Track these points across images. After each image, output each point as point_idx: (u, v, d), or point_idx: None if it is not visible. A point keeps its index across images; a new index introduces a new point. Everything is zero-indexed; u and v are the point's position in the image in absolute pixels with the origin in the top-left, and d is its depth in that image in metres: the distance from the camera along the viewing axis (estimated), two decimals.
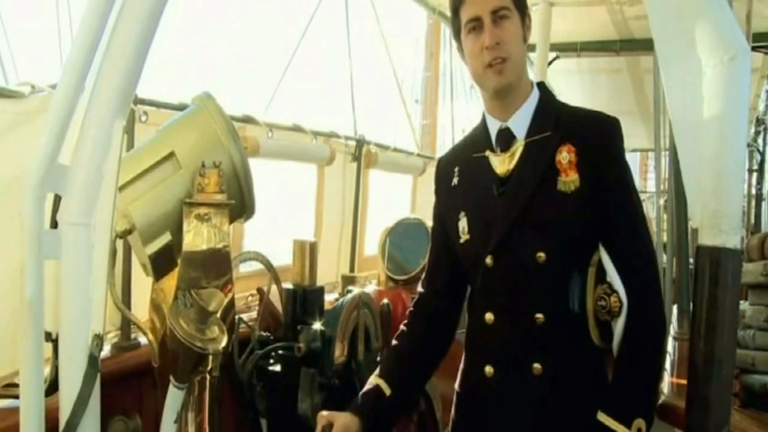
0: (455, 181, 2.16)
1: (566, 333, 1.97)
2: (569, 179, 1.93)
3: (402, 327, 2.29)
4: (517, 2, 1.99)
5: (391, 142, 5.34)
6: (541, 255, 1.94)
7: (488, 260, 2.00)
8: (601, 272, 1.95)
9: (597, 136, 1.96)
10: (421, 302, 2.29)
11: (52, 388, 1.94)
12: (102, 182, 1.91)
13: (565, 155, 1.94)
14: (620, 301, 1.88)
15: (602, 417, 1.87)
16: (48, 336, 1.93)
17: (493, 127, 2.07)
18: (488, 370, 2.04)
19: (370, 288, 4.09)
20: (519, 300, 1.99)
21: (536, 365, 1.95)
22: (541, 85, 2.10)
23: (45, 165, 1.77)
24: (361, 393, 2.18)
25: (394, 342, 2.29)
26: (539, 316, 1.95)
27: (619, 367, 1.93)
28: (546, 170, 1.95)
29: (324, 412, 2.08)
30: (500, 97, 2.03)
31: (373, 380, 2.18)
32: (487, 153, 2.07)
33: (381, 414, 2.15)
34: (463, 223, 2.09)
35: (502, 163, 2.03)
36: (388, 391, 2.14)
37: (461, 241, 2.10)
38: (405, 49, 6.90)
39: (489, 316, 2.03)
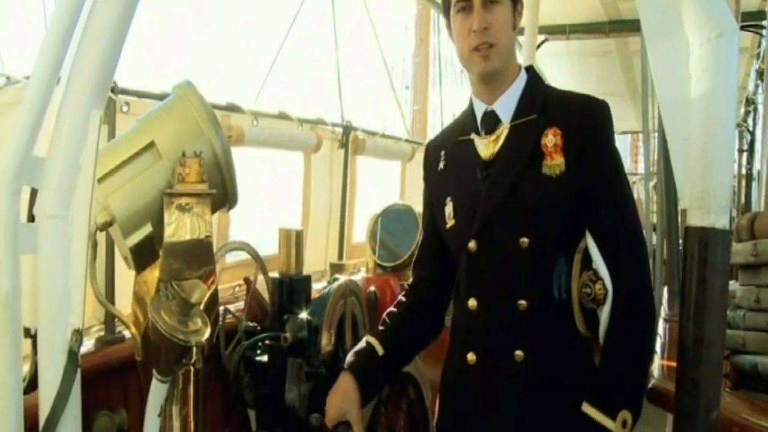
0: (441, 165, 2.15)
1: (550, 320, 1.95)
2: (554, 163, 1.91)
3: (400, 297, 2.30)
4: None
5: (381, 128, 5.30)
6: (525, 240, 1.92)
7: (471, 245, 1.98)
8: (588, 259, 1.93)
9: (584, 119, 1.93)
10: (415, 286, 2.29)
11: (32, 385, 1.91)
12: (79, 174, 1.87)
13: (550, 138, 1.92)
14: (605, 288, 1.86)
15: (587, 408, 1.85)
16: (27, 332, 1.90)
17: (479, 110, 2.06)
18: (471, 357, 2.02)
19: (359, 276, 4.06)
20: (502, 286, 1.97)
21: (518, 352, 1.93)
22: (530, 69, 2.08)
23: (20, 157, 1.74)
24: (353, 351, 2.17)
25: (390, 309, 2.29)
26: (522, 302, 1.93)
27: (605, 357, 1.91)
28: (531, 154, 1.93)
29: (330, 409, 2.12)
30: (486, 82, 2.02)
31: (367, 338, 2.18)
32: (473, 136, 2.05)
33: (373, 372, 2.16)
34: (449, 208, 2.08)
35: (486, 147, 2.01)
36: (381, 351, 2.14)
37: (447, 226, 2.08)
38: (394, 35, 6.85)
39: (472, 302, 2.01)
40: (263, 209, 4.28)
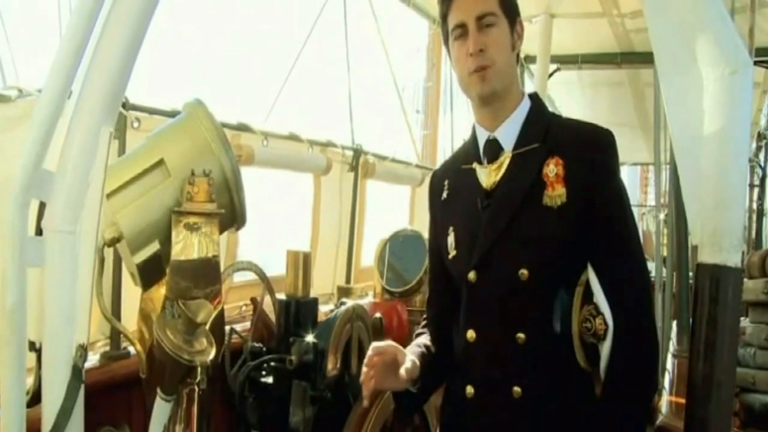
0: (445, 194, 2.10)
1: (549, 354, 1.87)
2: (555, 193, 1.84)
3: (420, 330, 2.22)
4: (506, 8, 1.92)
5: (391, 152, 5.30)
6: (524, 272, 1.84)
7: (471, 276, 1.92)
8: (589, 292, 1.85)
9: (587, 149, 1.86)
10: (429, 326, 2.21)
11: (35, 399, 1.90)
12: (88, 189, 1.87)
13: (552, 168, 1.85)
14: (606, 323, 1.78)
15: None
16: (32, 345, 1.89)
17: (482, 137, 2.00)
18: (469, 390, 1.95)
19: (366, 300, 4.05)
20: (500, 318, 1.90)
21: (516, 389, 1.86)
22: (533, 96, 2.02)
23: (29, 171, 1.73)
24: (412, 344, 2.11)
25: (419, 342, 2.17)
26: (521, 335, 1.86)
27: (606, 393, 1.83)
28: (532, 184, 1.87)
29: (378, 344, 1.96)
30: (486, 104, 1.95)
31: (420, 341, 2.13)
32: (474, 165, 2.00)
33: (430, 368, 2.05)
34: (451, 238, 2.02)
35: (488, 176, 1.95)
36: (434, 349, 2.09)
37: (450, 256, 2.02)
38: (406, 59, 6.86)
39: (470, 334, 1.94)
40: (273, 229, 4.28)
